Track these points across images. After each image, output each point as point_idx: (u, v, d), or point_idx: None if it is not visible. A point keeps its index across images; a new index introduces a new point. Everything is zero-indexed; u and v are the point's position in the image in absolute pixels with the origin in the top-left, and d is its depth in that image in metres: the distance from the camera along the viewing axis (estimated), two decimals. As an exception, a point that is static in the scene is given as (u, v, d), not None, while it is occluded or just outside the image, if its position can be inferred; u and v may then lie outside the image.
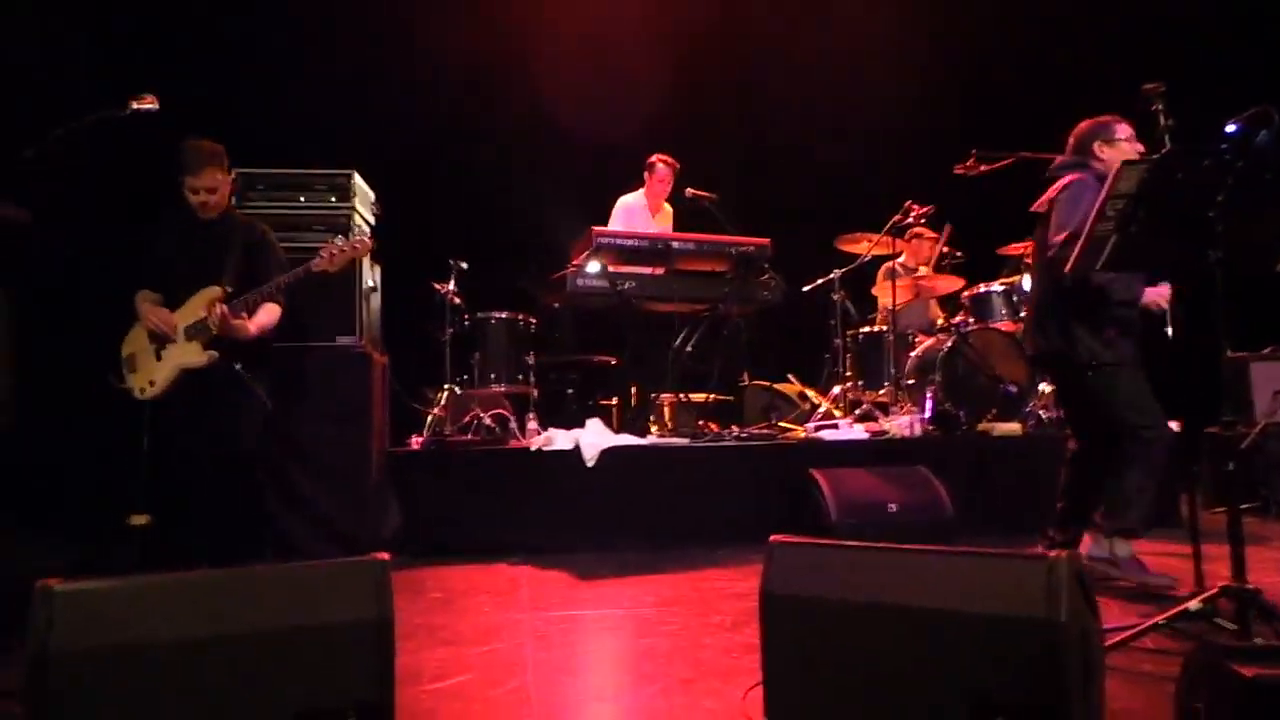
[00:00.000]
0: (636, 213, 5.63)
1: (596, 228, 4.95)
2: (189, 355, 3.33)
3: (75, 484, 4.48)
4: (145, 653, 1.67)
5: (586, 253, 4.74)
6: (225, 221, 3.49)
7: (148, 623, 1.70)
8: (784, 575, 1.97)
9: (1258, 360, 5.34)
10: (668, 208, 5.79)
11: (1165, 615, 2.45)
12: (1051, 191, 3.38)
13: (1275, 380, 5.08)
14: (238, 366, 3.38)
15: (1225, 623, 2.40)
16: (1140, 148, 3.36)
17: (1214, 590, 2.43)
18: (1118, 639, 2.39)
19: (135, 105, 3.01)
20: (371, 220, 4.66)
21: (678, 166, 5.64)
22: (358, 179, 4.42)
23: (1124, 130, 3.39)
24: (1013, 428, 4.95)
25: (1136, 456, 3.27)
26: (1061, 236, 3.16)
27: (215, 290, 3.35)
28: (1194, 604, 2.43)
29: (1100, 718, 1.89)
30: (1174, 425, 4.91)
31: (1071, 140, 3.48)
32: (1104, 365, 3.32)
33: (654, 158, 5.67)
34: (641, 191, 5.71)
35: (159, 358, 3.37)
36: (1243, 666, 1.46)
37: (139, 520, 3.87)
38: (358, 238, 3.57)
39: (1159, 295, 3.38)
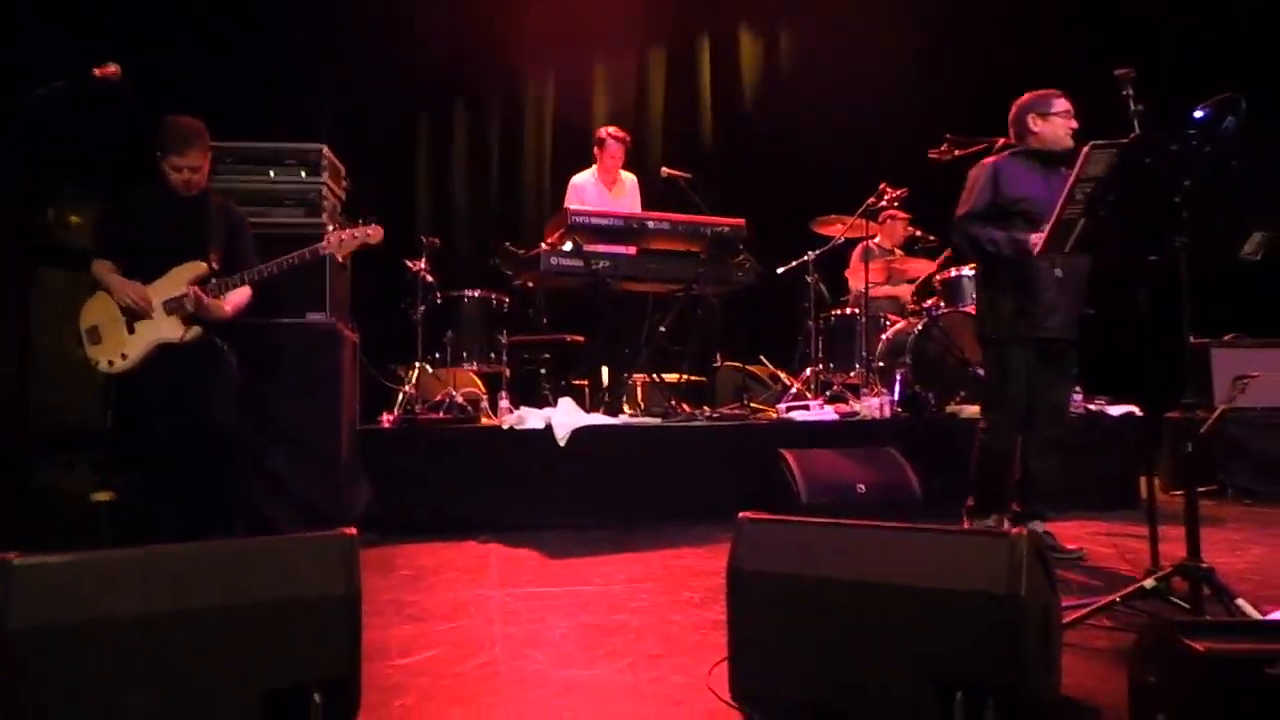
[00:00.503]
0: (589, 190, 5.55)
1: (571, 206, 4.92)
2: (167, 329, 3.26)
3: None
4: (106, 628, 1.65)
5: (560, 231, 4.71)
6: (204, 199, 3.43)
7: (109, 598, 1.68)
8: (751, 551, 1.99)
9: (1219, 346, 5.44)
10: (629, 176, 5.69)
11: (1121, 593, 2.51)
12: None
13: (1235, 366, 5.18)
14: (215, 338, 3.33)
15: (1179, 600, 2.45)
16: (1074, 124, 3.43)
17: (1169, 569, 2.49)
18: (1074, 616, 2.44)
19: (98, 73, 2.93)
20: (342, 195, 4.60)
21: (628, 138, 5.58)
22: (328, 153, 4.35)
23: (1060, 104, 3.44)
24: (980, 410, 5.01)
25: (977, 437, 3.54)
26: (962, 213, 3.44)
27: (200, 266, 3.29)
28: (1149, 582, 2.49)
29: (1058, 691, 1.94)
30: (1135, 409, 5.04)
31: (1011, 113, 3.54)
32: (992, 339, 3.48)
33: (602, 131, 5.59)
34: (593, 169, 5.63)
35: (132, 330, 3.28)
36: (1195, 641, 1.50)
37: (103, 497, 3.81)
38: (368, 226, 3.54)
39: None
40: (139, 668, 1.67)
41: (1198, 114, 2.48)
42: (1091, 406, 5.11)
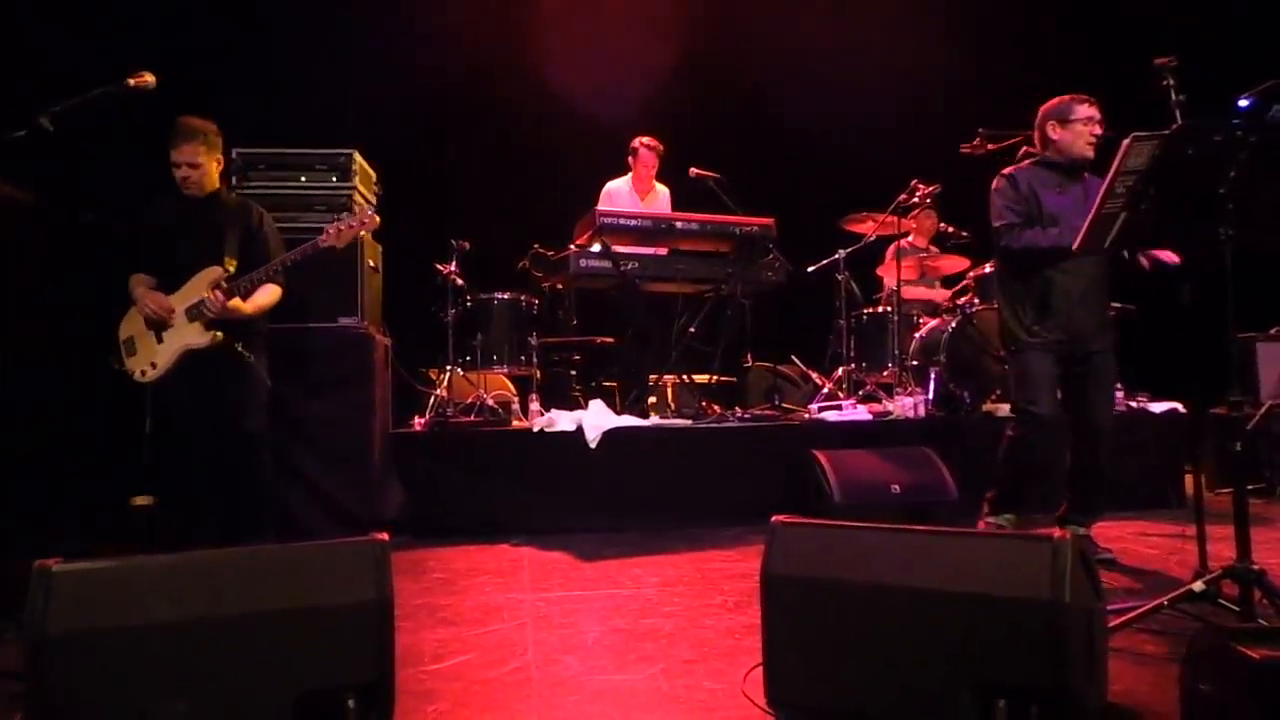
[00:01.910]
0: (622, 197, 5.56)
1: (600, 208, 4.92)
2: (191, 336, 3.31)
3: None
4: (143, 633, 1.67)
5: (589, 233, 4.71)
6: (219, 201, 3.46)
7: (146, 603, 1.70)
8: (785, 556, 1.96)
9: (1264, 340, 5.30)
10: (662, 188, 5.71)
11: (1169, 596, 2.44)
12: None
13: (1281, 361, 5.06)
14: (239, 346, 3.37)
15: (1229, 604, 2.38)
16: (1098, 130, 3.32)
17: (1218, 571, 2.42)
18: (1121, 620, 2.38)
19: (132, 82, 2.96)
20: (373, 200, 4.63)
21: (661, 148, 5.57)
22: (359, 158, 4.39)
23: (1083, 111, 3.33)
24: (1017, 409, 4.92)
25: (1007, 438, 3.45)
26: (999, 226, 3.38)
27: (216, 270, 3.32)
28: (1198, 585, 2.42)
29: (1104, 699, 1.88)
30: (1178, 406, 4.92)
31: (1036, 118, 3.46)
32: (1014, 349, 3.43)
33: (636, 141, 5.60)
34: (628, 176, 5.65)
35: (160, 339, 3.35)
36: (1250, 649, 1.45)
37: (142, 502, 3.87)
38: (364, 214, 3.57)
39: None
40: (174, 673, 1.68)
41: (1242, 102, 2.41)
42: (1133, 404, 5.00)
